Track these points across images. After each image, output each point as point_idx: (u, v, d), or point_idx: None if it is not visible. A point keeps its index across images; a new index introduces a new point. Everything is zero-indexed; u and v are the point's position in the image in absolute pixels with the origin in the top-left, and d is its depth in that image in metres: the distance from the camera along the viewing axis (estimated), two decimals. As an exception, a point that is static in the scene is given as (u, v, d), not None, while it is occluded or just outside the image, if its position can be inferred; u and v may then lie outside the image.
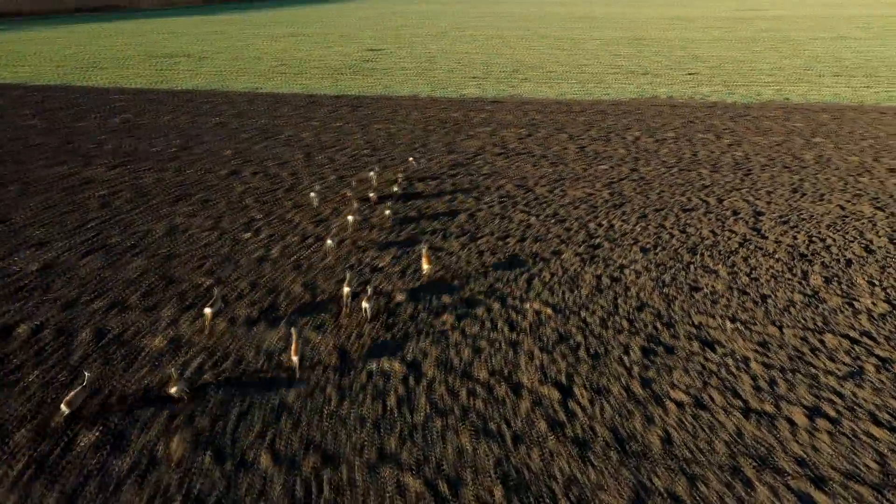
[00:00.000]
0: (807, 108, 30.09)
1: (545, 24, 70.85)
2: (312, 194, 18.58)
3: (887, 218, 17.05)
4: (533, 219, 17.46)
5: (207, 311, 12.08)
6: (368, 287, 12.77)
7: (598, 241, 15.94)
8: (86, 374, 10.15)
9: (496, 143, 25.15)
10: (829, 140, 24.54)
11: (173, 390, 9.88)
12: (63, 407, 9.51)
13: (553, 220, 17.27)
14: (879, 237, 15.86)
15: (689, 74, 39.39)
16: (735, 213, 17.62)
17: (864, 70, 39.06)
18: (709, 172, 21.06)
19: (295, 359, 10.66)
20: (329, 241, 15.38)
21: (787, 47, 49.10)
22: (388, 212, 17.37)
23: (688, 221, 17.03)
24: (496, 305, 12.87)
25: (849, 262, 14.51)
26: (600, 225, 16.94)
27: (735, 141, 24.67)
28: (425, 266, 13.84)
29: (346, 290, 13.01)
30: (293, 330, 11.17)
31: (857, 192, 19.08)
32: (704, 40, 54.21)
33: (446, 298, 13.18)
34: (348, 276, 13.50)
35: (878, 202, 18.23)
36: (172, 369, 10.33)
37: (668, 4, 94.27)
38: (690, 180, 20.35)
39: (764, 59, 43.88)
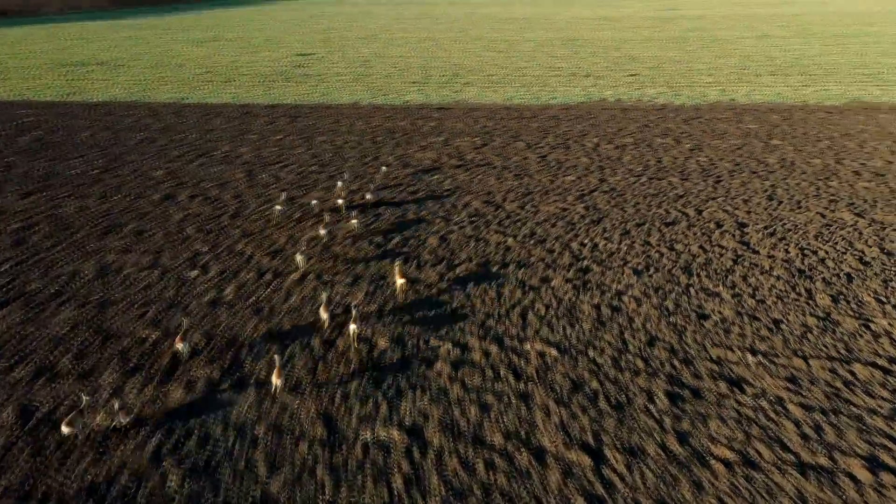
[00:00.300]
0: (755, 108, 30.00)
1: (475, 25, 70.01)
2: (277, 207, 17.69)
3: (870, 225, 16.56)
4: (510, 240, 16.12)
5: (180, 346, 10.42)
6: (353, 309, 11.67)
7: (585, 263, 14.74)
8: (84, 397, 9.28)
9: (452, 153, 23.74)
10: (786, 142, 24.27)
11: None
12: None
13: (532, 241, 15.98)
14: (870, 247, 15.29)
15: (631, 76, 39.08)
16: (718, 224, 16.78)
17: (797, 69, 39.68)
18: (679, 181, 20.26)
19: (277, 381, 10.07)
20: (298, 256, 14.35)
21: (718, 46, 49.72)
22: (348, 240, 15.69)
23: (673, 237, 16.06)
24: (493, 348, 11.43)
25: (849, 278, 13.79)
26: (583, 245, 15.75)
27: (695, 145, 24.08)
28: (399, 281, 13.11)
29: (324, 314, 11.93)
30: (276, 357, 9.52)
31: (832, 197, 18.62)
32: (636, 40, 54.43)
33: (435, 341, 11.65)
34: (325, 296, 12.38)
35: (856, 208, 17.78)
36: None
37: (590, 5, 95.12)
38: (663, 190, 19.48)
39: (699, 59, 44.15)
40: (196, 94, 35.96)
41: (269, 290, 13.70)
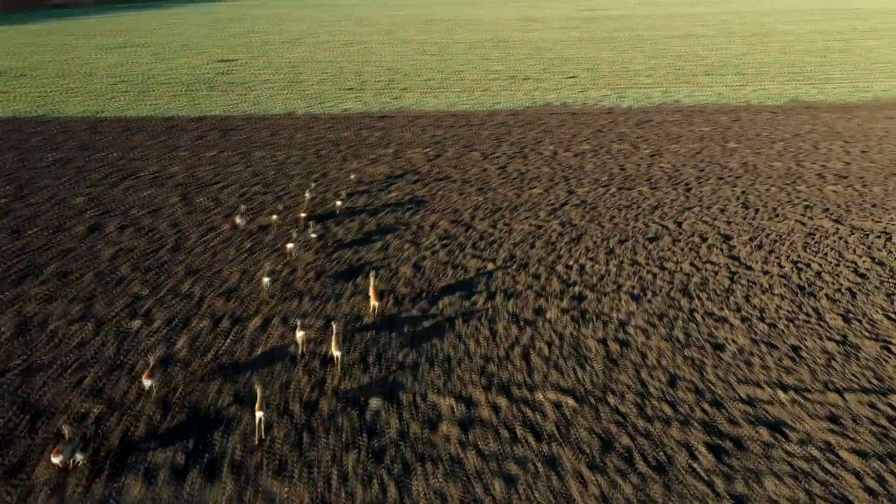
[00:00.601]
0: (701, 109, 29.81)
1: (401, 27, 68.46)
2: (238, 219, 16.79)
3: (852, 233, 16.12)
4: (490, 265, 14.79)
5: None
6: (333, 324, 10.91)
7: (577, 289, 13.56)
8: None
9: (405, 167, 22.22)
10: (742, 144, 23.97)
11: None
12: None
13: (514, 266, 14.69)
14: (860, 257, 14.78)
15: (569, 78, 38.55)
16: (702, 238, 15.96)
17: (730, 68, 40.13)
18: (649, 190, 19.45)
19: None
20: (265, 279, 13.29)
21: (648, 46, 50.05)
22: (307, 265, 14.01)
23: (661, 255, 15.11)
24: (502, 401, 10.05)
25: (852, 293, 13.15)
26: (569, 267, 14.58)
27: (655, 151, 23.44)
28: (374, 302, 12.40)
29: (299, 334, 11.12)
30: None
31: (805, 203, 18.19)
32: (566, 41, 54.26)
33: (434, 396, 10.17)
34: (299, 322, 11.36)
35: (832, 214, 17.37)
36: None
37: (508, 6, 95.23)
38: (635, 201, 18.60)
39: (632, 60, 44.15)
40: (111, 106, 32.99)
41: (228, 340, 11.85)
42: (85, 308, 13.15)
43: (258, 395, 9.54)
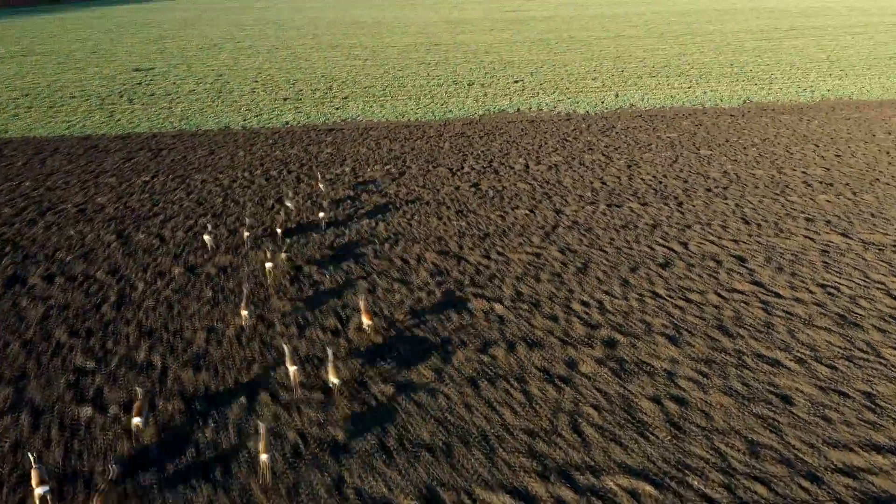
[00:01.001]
0: (659, 114, 29.02)
1: (325, 31, 65.70)
2: (206, 237, 15.75)
3: (865, 249, 15.24)
4: (497, 306, 13.01)
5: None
6: (328, 350, 10.14)
7: (604, 332, 11.97)
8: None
9: (370, 189, 20.15)
10: (716, 151, 23.14)
11: None
12: None
13: (525, 306, 12.98)
14: (886, 276, 13.85)
15: (515, 82, 37.24)
16: (716, 261, 14.71)
17: (671, 69, 39.84)
18: (639, 206, 18.17)
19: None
20: (244, 312, 11.92)
21: (584, 48, 49.47)
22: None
23: (680, 284, 13.72)
24: (566, 493, 8.28)
25: (897, 321, 12.08)
26: (587, 304, 12.98)
27: (629, 161, 22.28)
28: (366, 321, 11.74)
29: (291, 368, 10.23)
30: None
31: (804, 215, 17.31)
32: (500, 43, 53.09)
33: (482, 491, 8.31)
34: (287, 349, 10.38)
35: (835, 227, 16.53)
36: None
37: (430, 7, 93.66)
38: (630, 220, 17.25)
39: (572, 62, 43.34)
40: (17, 124, 29.26)
41: (207, 431, 9.59)
42: (16, 392, 10.55)
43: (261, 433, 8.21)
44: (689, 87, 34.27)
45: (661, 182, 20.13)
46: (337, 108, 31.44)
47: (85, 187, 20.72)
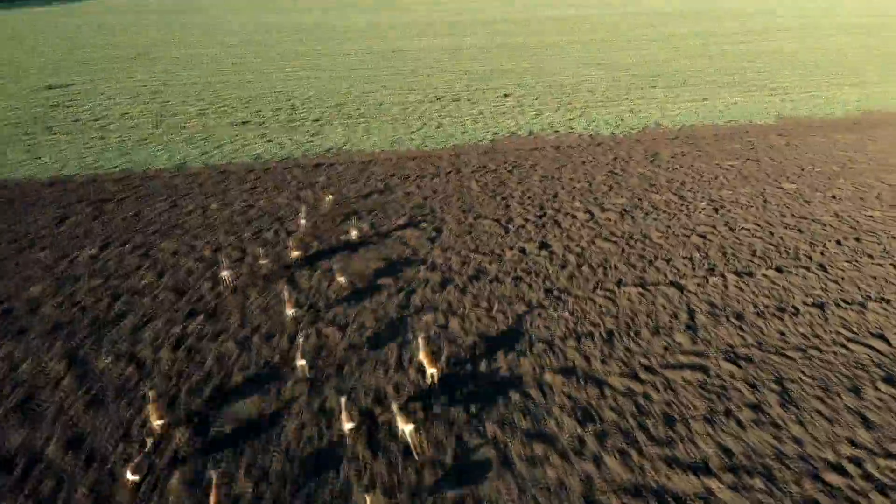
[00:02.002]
0: (695, 134, 25.36)
1: (267, 37, 59.44)
2: (224, 273, 13.55)
3: None
4: (716, 485, 8.40)
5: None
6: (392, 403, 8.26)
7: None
8: None
9: (403, 253, 15.24)
10: (801, 185, 19.52)
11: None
12: None
13: (752, 482, 8.43)
14: None
15: (504, 96, 32.91)
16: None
17: (670, 79, 36.41)
18: (776, 274, 14.22)
19: None
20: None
21: (556, 53, 45.62)
22: None
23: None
24: None
25: None
26: (838, 469, 8.56)
27: (711, 203, 18.27)
28: (430, 369, 10.24)
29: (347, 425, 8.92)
30: None
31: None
32: (466, 50, 48.57)
33: None
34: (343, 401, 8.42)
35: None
36: None
37: (370, 11, 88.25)
38: (781, 299, 13.15)
39: (554, 71, 39.34)
40: None
41: None
42: None
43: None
44: (705, 100, 30.74)
45: (771, 234, 16.06)
46: (314, 135, 26.13)
47: (4, 270, 14.84)
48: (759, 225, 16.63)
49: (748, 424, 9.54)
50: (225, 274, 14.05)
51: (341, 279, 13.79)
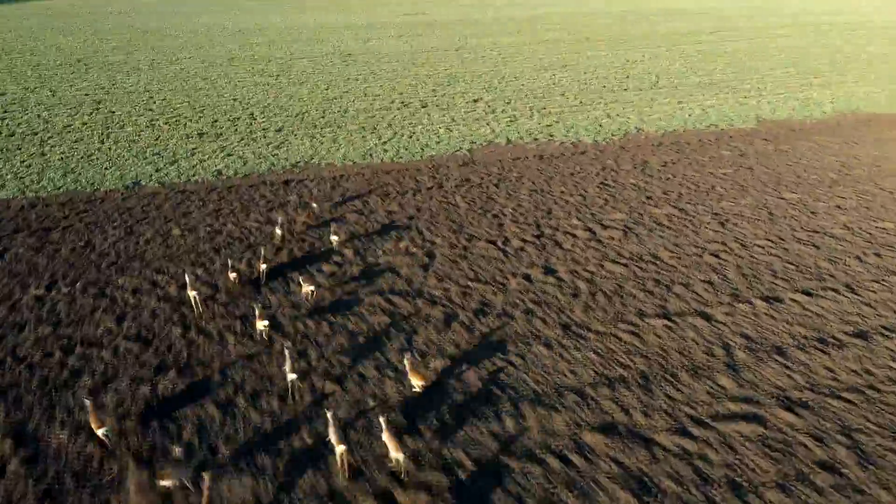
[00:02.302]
0: (680, 139, 24.54)
1: (210, 40, 56.68)
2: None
3: None
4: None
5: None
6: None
7: None
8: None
9: (391, 284, 13.70)
10: (802, 194, 18.69)
11: None
12: None
13: None
14: None
15: (473, 101, 31.61)
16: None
17: (641, 82, 35.67)
18: (806, 299, 13.19)
19: None
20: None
21: (520, 55, 44.53)
22: None
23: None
24: None
25: None
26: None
27: (714, 217, 17.29)
28: (417, 382, 9.97)
29: (339, 449, 8.53)
30: None
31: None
32: (425, 51, 47.05)
33: None
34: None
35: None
36: None
37: (319, 10, 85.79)
38: (817, 327, 12.15)
39: (521, 74, 38.21)
40: None
41: None
42: None
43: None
44: (680, 103, 29.99)
45: (786, 250, 15.09)
46: (277, 147, 24.26)
47: (-63, 320, 12.70)
48: (770, 240, 15.63)
49: (828, 490, 8.33)
50: (196, 313, 12.29)
51: (338, 337, 12.15)
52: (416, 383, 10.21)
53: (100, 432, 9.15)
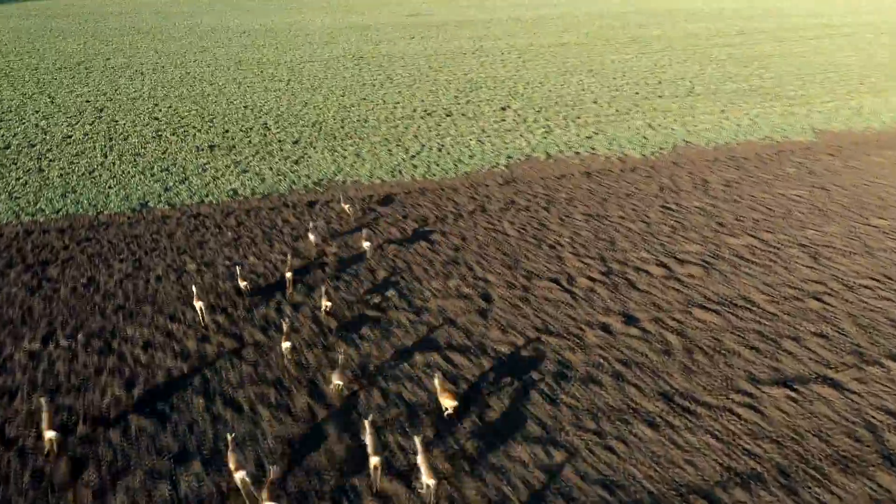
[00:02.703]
0: (736, 154, 22.52)
1: (211, 42, 54.63)
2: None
3: None
4: None
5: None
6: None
7: None
8: None
9: (448, 338, 11.60)
10: (891, 220, 16.48)
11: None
12: None
13: None
14: None
15: (501, 109, 29.48)
16: None
17: (675, 88, 33.66)
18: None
19: None
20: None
21: (537, 58, 42.47)
22: None
23: None
24: None
25: None
26: None
27: (804, 249, 15.22)
28: (449, 402, 9.40)
29: (374, 460, 8.21)
30: None
31: None
32: (440, 54, 44.99)
33: None
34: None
35: None
36: None
37: (323, 10, 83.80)
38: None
39: (545, 78, 36.13)
40: None
41: None
42: None
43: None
44: (723, 112, 27.95)
45: (898, 292, 12.98)
46: (296, 162, 22.19)
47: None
48: (876, 280, 13.57)
49: None
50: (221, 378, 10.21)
51: (393, 410, 10.08)
52: (448, 404, 9.54)
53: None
